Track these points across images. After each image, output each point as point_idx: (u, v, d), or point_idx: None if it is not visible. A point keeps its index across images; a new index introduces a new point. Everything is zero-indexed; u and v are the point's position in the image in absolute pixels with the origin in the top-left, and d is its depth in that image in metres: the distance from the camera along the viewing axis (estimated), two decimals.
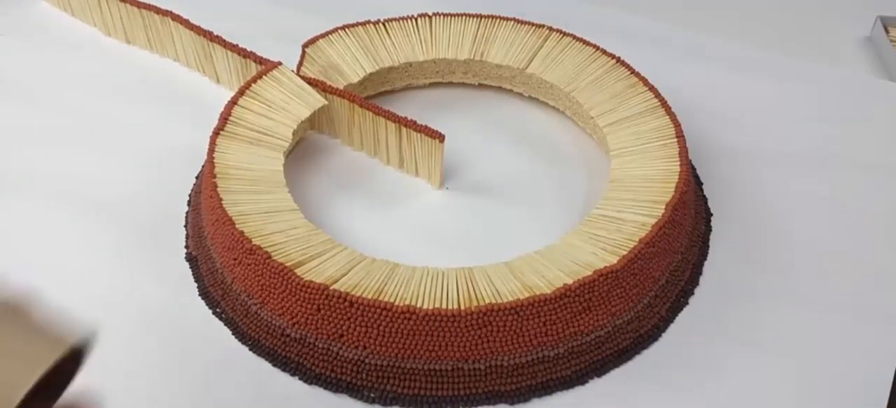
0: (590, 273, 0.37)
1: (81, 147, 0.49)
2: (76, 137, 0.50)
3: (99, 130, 0.51)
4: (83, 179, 0.47)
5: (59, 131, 0.51)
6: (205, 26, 0.53)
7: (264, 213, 0.41)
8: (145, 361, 0.37)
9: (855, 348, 0.39)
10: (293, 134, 0.46)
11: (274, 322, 0.37)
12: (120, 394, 0.36)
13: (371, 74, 0.51)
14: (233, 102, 0.47)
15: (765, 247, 0.44)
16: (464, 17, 0.55)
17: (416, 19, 0.55)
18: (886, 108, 0.55)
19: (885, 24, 0.63)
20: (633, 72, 0.50)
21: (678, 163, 0.43)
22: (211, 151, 0.43)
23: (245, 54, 0.50)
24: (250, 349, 0.38)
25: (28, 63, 0.57)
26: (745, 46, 0.61)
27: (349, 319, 0.36)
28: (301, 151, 0.49)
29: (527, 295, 0.36)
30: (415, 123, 0.45)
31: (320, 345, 0.36)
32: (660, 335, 0.39)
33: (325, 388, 0.37)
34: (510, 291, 0.37)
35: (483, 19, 0.55)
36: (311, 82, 0.49)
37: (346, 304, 0.36)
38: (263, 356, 0.38)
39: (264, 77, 0.49)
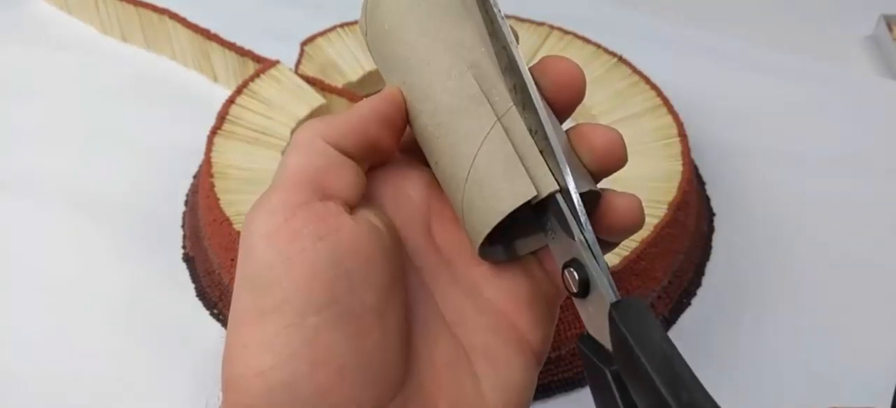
0: None
1: (77, 146, 0.49)
2: (72, 136, 0.50)
3: (95, 128, 0.50)
4: (79, 178, 0.46)
5: (54, 130, 0.50)
6: (202, 25, 0.52)
7: None
8: (141, 362, 0.37)
9: (860, 351, 0.39)
10: (291, 133, 0.45)
11: None
12: (114, 395, 0.36)
13: (370, 73, 0.51)
14: (230, 101, 0.46)
15: (768, 247, 0.44)
16: None
17: None
18: (889, 106, 0.55)
19: (889, 22, 0.63)
20: (634, 70, 0.50)
21: (680, 162, 0.43)
22: (208, 150, 0.43)
23: (243, 53, 0.50)
24: None
25: (24, 61, 0.56)
26: (747, 45, 0.61)
27: None
28: None
29: None
30: None
31: None
32: None
33: None
34: None
35: None
36: (310, 81, 0.48)
37: None
38: None
39: (262, 76, 0.48)
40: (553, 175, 0.22)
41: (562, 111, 0.24)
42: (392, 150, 0.25)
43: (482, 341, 0.24)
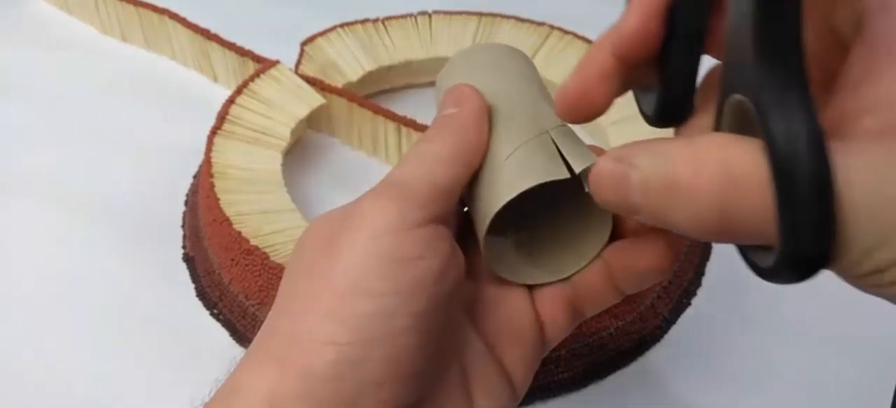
0: None
1: (77, 146, 0.49)
2: (71, 136, 0.50)
3: (94, 128, 0.50)
4: (79, 178, 0.46)
5: (54, 130, 0.50)
6: (202, 25, 0.52)
7: (262, 213, 0.40)
8: (141, 362, 0.37)
9: (860, 351, 0.39)
10: (291, 133, 0.45)
11: None
12: (114, 395, 0.36)
13: (370, 73, 0.51)
14: (230, 101, 0.46)
15: None
16: (464, 16, 0.55)
17: (415, 17, 0.54)
18: None
19: None
20: None
21: None
22: (208, 150, 0.43)
23: (243, 53, 0.50)
24: None
25: (24, 61, 0.56)
26: None
27: None
28: (299, 151, 0.49)
29: None
30: (414, 122, 0.45)
31: None
32: (661, 337, 0.39)
33: None
34: None
35: (483, 17, 0.54)
36: (310, 81, 0.48)
37: None
38: None
39: (262, 76, 0.48)
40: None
41: None
42: None
43: (478, 365, 0.25)
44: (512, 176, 0.24)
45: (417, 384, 0.22)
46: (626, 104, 0.49)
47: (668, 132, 0.24)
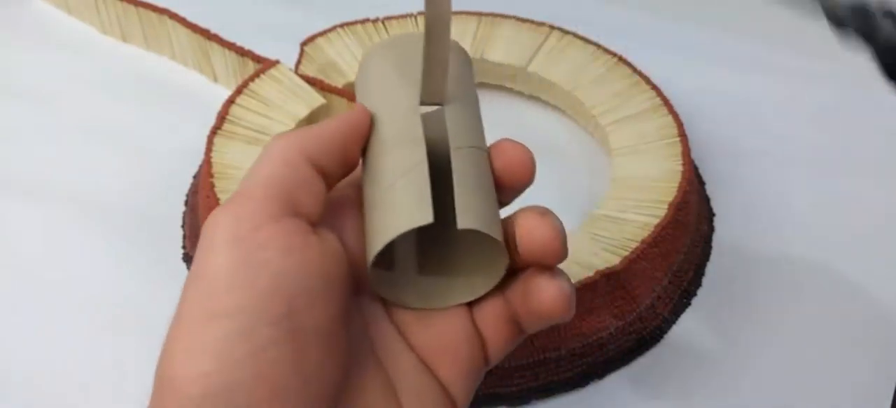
0: (591, 274, 0.37)
1: (77, 146, 0.49)
2: (72, 136, 0.50)
3: (94, 128, 0.50)
4: (78, 178, 0.47)
5: (54, 130, 0.50)
6: (202, 25, 0.52)
7: None
8: (141, 362, 0.37)
9: (861, 350, 0.39)
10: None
11: None
12: (114, 395, 0.36)
13: None
14: (230, 101, 0.46)
15: (768, 247, 0.44)
16: (464, 15, 0.55)
17: (415, 17, 0.54)
18: (891, 106, 0.55)
19: None
20: (635, 70, 0.50)
21: (681, 162, 0.43)
22: (208, 150, 0.43)
23: (243, 53, 0.50)
24: None
25: (22, 61, 0.56)
26: (748, 45, 0.61)
27: None
28: None
29: None
30: None
31: None
32: (662, 337, 0.39)
33: None
34: None
35: (483, 17, 0.54)
36: (310, 81, 0.48)
37: None
38: None
39: (262, 76, 0.48)
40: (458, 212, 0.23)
41: (509, 190, 0.26)
42: (354, 167, 0.25)
43: (411, 378, 0.24)
44: (387, 216, 0.23)
45: (309, 399, 0.20)
46: (626, 104, 0.50)
47: None
